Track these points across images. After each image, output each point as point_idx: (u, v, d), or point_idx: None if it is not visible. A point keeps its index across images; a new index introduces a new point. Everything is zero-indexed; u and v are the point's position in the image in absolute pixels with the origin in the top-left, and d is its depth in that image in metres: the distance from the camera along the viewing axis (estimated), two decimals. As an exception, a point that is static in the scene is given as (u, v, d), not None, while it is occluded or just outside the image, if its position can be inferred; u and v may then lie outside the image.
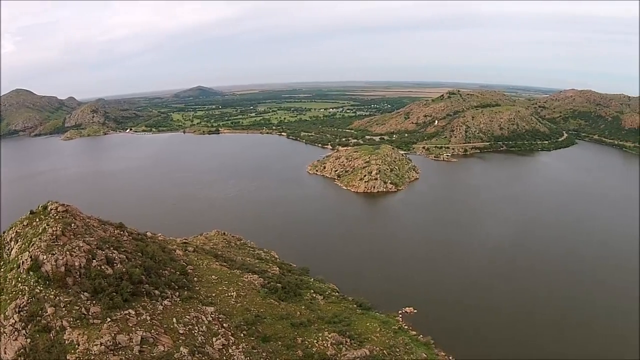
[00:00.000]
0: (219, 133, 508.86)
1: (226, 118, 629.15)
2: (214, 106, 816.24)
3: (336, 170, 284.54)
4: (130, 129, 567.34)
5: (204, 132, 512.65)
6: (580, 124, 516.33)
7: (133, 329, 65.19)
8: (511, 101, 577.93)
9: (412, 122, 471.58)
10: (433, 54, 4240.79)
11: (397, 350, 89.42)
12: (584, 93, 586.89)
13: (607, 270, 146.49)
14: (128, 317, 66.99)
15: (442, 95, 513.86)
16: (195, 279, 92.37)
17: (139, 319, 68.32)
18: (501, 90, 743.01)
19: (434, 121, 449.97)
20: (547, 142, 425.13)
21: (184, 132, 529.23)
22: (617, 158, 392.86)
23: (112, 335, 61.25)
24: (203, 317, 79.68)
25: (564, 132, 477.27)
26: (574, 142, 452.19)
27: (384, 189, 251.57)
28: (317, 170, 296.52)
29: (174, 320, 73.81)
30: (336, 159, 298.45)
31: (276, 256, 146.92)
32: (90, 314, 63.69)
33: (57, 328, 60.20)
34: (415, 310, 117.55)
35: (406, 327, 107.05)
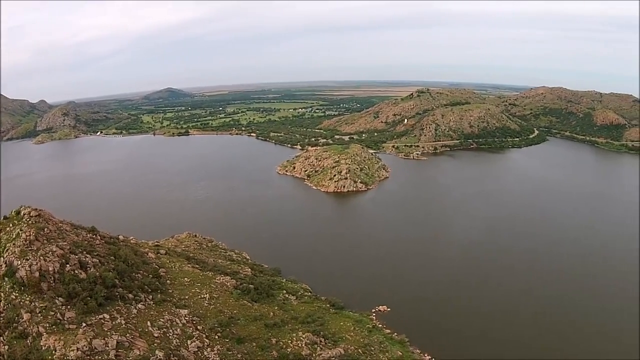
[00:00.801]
0: (188, 135, 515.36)
1: (196, 119, 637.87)
2: (183, 108, 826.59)
3: (306, 171, 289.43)
4: (101, 132, 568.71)
5: (173, 134, 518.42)
6: (551, 120, 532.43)
7: (108, 333, 67.07)
8: (481, 99, 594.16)
9: (382, 121, 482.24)
10: (403, 53, 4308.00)
11: (372, 348, 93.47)
12: (555, 90, 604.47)
13: (582, 266, 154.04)
14: (103, 321, 68.83)
15: (412, 94, 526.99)
16: (168, 281, 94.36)
17: (113, 323, 70.23)
18: (471, 88, 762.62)
19: (404, 120, 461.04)
20: (517, 139, 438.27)
21: (154, 134, 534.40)
22: (589, 154, 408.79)
23: (88, 340, 63.04)
24: (177, 319, 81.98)
25: (535, 129, 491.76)
26: (545, 138, 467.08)
27: (354, 189, 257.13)
28: (286, 171, 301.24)
29: (149, 323, 75.92)
30: (306, 159, 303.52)
31: (248, 257, 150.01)
32: (65, 319, 65.41)
33: (34, 334, 61.79)
34: (389, 309, 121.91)
35: (380, 325, 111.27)
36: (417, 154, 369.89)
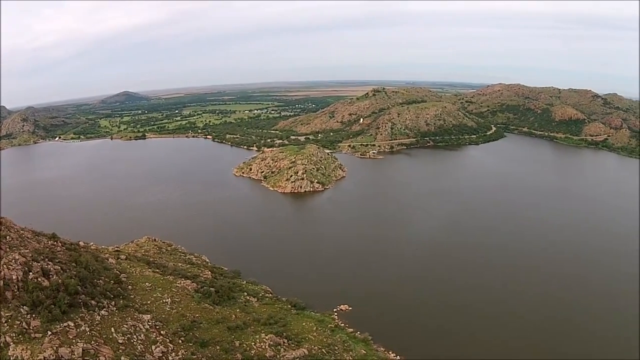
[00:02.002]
0: (145, 138, 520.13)
1: (152, 123, 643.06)
2: (140, 111, 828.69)
3: (262, 172, 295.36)
4: (59, 137, 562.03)
5: (130, 137, 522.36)
6: (508, 117, 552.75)
7: (74, 341, 68.98)
8: (437, 97, 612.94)
9: (337, 121, 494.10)
10: (359, 52, 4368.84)
11: (336, 348, 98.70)
12: (512, 87, 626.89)
13: (539, 259, 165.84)
14: (68, 329, 70.61)
15: (367, 93, 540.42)
16: (129, 287, 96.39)
17: (78, 330, 72.12)
18: (428, 87, 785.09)
19: (359, 119, 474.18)
20: (475, 136, 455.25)
21: (112, 138, 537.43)
22: (547, 149, 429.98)
23: (54, 348, 64.98)
24: (140, 325, 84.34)
25: (492, 125, 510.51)
26: (502, 135, 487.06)
27: (311, 189, 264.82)
28: (243, 173, 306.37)
29: (112, 330, 78.06)
30: (262, 160, 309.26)
31: (207, 260, 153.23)
32: (31, 328, 66.90)
33: (1, 344, 63.29)
34: (350, 308, 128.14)
35: (342, 325, 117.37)
36: (374, 152, 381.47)
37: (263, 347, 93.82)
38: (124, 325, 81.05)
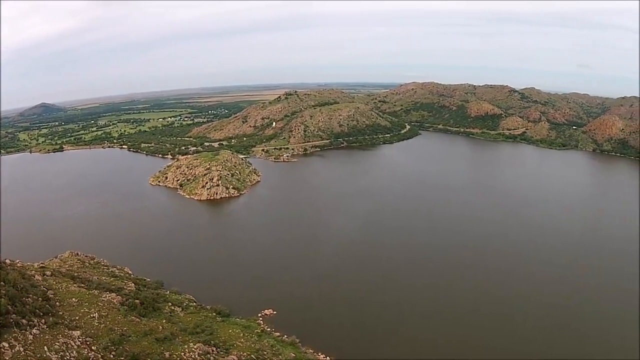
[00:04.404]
0: (63, 150, 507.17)
1: (69, 134, 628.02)
2: (57, 123, 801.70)
3: (178, 180, 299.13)
4: None
5: (49, 150, 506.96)
6: (423, 115, 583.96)
7: (11, 362, 73.14)
8: (350, 98, 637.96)
9: (250, 126, 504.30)
10: (270, 56, 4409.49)
11: (265, 353, 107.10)
12: (426, 85, 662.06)
13: (460, 253, 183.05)
14: (3, 350, 74.19)
15: (280, 97, 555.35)
16: (57, 303, 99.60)
17: (13, 351, 75.66)
18: (340, 88, 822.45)
19: (272, 123, 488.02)
20: (389, 135, 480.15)
21: (30, 151, 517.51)
22: (462, 145, 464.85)
23: (-7, 370, 69.18)
24: (71, 342, 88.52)
25: (407, 124, 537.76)
26: (417, 133, 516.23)
27: (227, 195, 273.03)
28: (159, 182, 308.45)
29: (45, 348, 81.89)
30: (177, 168, 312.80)
31: (130, 272, 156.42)
32: (-32, 351, 70.51)
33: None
34: (275, 312, 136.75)
35: (268, 329, 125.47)
36: (287, 156, 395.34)
37: (193, 356, 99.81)
38: (56, 343, 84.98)
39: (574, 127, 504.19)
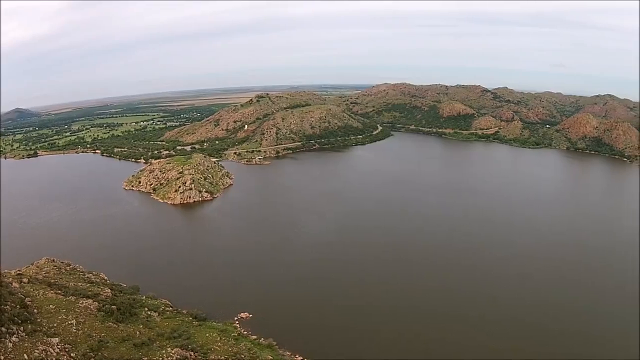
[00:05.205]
0: (37, 156, 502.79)
1: (43, 139, 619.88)
2: (31, 128, 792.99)
3: (151, 184, 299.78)
4: None
5: (23, 156, 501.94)
6: (395, 116, 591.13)
7: (-8, 370, 74.87)
8: (322, 100, 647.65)
9: (222, 129, 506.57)
10: (242, 58, 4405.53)
11: (242, 356, 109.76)
12: (398, 86, 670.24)
13: (433, 252, 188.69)
14: (-16, 358, 76.25)
15: (251, 99, 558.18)
16: (35, 310, 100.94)
17: (-6, 359, 77.78)
18: (312, 90, 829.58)
19: (244, 126, 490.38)
20: (361, 136, 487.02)
21: (5, 157, 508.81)
22: (434, 145, 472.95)
23: (-25, 379, 70.87)
24: (50, 349, 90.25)
25: (379, 125, 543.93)
26: (389, 134, 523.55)
27: (200, 198, 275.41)
28: (133, 186, 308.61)
29: (25, 356, 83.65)
30: (150, 172, 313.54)
31: (105, 278, 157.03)
32: (-50, 361, 72.02)
33: None
34: (251, 315, 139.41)
35: (245, 332, 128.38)
36: (260, 159, 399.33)
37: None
38: (36, 351, 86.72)
39: (547, 126, 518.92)
